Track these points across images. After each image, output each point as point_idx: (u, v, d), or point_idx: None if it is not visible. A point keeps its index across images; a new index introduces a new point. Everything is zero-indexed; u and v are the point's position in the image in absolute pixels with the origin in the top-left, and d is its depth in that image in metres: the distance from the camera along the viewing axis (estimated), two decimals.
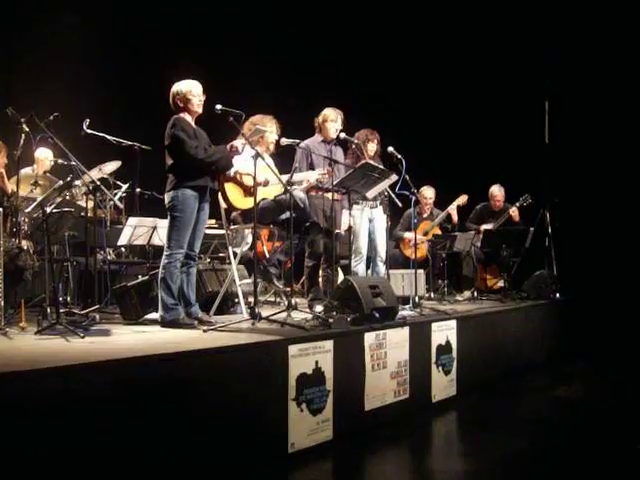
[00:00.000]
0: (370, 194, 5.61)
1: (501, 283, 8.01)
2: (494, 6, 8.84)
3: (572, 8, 8.69)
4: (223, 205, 5.36)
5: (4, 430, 2.57)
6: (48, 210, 4.82)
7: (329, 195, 5.40)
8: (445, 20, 9.16)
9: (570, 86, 8.93)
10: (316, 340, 4.06)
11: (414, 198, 6.13)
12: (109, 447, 2.90)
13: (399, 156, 5.89)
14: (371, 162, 5.64)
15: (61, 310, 4.44)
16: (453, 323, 5.59)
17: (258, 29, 9.03)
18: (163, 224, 5.57)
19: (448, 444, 4.69)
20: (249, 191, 5.17)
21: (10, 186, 5.68)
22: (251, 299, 5.00)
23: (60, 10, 7.83)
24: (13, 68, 7.78)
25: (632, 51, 8.58)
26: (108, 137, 6.63)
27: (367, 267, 6.44)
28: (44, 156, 6.56)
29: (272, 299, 6.98)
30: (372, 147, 6.28)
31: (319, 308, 5.26)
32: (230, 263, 5.50)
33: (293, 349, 3.87)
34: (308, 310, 5.25)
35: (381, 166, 6.13)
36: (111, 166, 6.58)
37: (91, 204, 5.69)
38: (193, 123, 4.83)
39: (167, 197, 4.73)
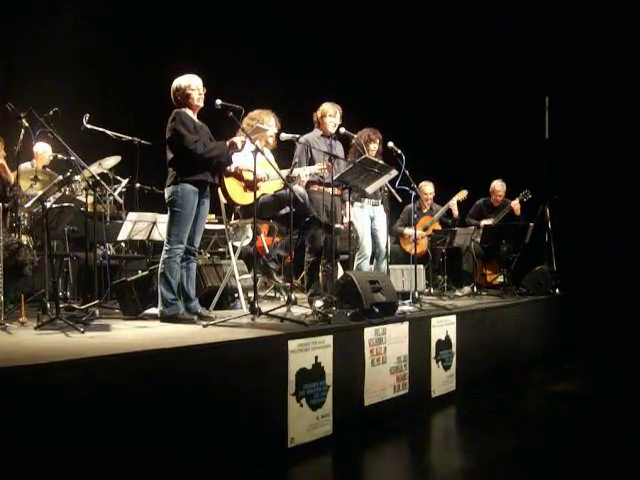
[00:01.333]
0: (370, 189, 5.60)
1: (501, 278, 8.03)
2: (494, 4, 8.83)
3: (572, 4, 8.67)
4: (223, 200, 5.36)
5: (4, 425, 2.57)
6: (48, 205, 4.82)
7: (329, 190, 5.40)
8: (446, 16, 9.15)
9: (570, 81, 8.92)
10: (316, 335, 4.07)
11: (414, 193, 6.13)
12: (109, 442, 2.90)
13: (399, 151, 5.88)
14: (371, 157, 5.64)
15: (61, 305, 4.45)
16: (453, 318, 5.59)
17: (258, 26, 9.02)
18: (163, 219, 5.57)
19: (447, 439, 4.71)
20: (249, 186, 5.17)
21: (12, 176, 5.67)
22: (251, 294, 5.00)
23: (61, 5, 7.83)
24: (13, 62, 7.77)
25: (632, 47, 8.57)
26: (108, 132, 6.63)
27: (370, 264, 6.43)
28: (43, 150, 6.56)
29: (272, 294, 6.99)
30: (374, 147, 6.24)
31: (319, 303, 5.25)
32: (230, 258, 5.50)
33: (293, 344, 3.87)
34: (308, 305, 5.26)
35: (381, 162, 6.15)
36: (111, 161, 6.58)
37: (91, 199, 5.69)
38: (195, 117, 4.82)
39: (167, 192, 4.72)
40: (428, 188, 8.21)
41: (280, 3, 9.09)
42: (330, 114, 5.94)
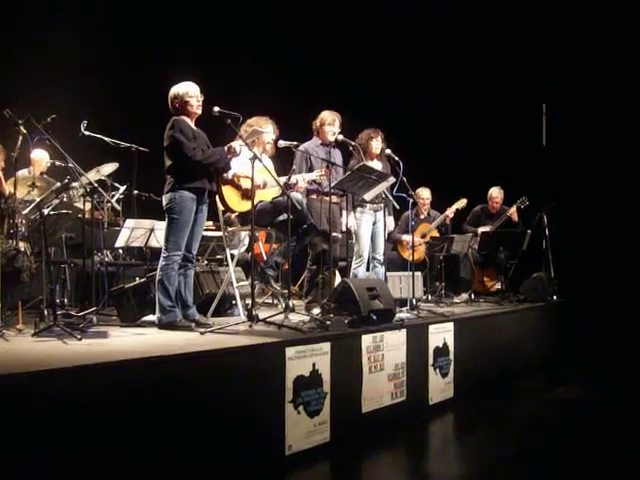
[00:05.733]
0: (368, 196, 5.61)
1: (498, 285, 8.03)
2: (492, 9, 8.86)
3: (569, 11, 8.71)
4: (221, 207, 5.36)
5: (2, 432, 2.56)
6: (45, 212, 4.81)
7: (327, 198, 5.41)
8: (444, 23, 9.17)
9: (567, 89, 8.94)
10: (313, 342, 4.06)
11: (412, 200, 6.13)
12: (107, 448, 2.89)
13: (396, 158, 5.90)
14: (369, 164, 5.65)
15: (58, 312, 4.44)
16: (450, 325, 5.59)
17: (257, 30, 9.04)
18: (160, 226, 5.57)
19: (445, 446, 4.69)
20: (247, 193, 5.17)
21: (8, 188, 5.67)
22: (248, 301, 4.99)
23: (59, 11, 7.84)
24: (11, 69, 7.77)
25: (629, 54, 8.61)
26: (106, 139, 6.64)
27: (367, 269, 6.43)
28: (40, 157, 6.55)
29: (269, 301, 6.98)
30: (376, 145, 6.21)
31: (316, 310, 5.26)
32: (227, 265, 5.50)
33: (290, 351, 3.86)
34: (305, 312, 5.25)
35: (388, 165, 6.15)
36: (109, 168, 6.57)
37: (88, 206, 5.68)
38: (193, 125, 4.83)
39: (165, 199, 4.73)
40: (425, 193, 8.21)
41: (280, 7, 9.11)
42: (329, 122, 5.94)
